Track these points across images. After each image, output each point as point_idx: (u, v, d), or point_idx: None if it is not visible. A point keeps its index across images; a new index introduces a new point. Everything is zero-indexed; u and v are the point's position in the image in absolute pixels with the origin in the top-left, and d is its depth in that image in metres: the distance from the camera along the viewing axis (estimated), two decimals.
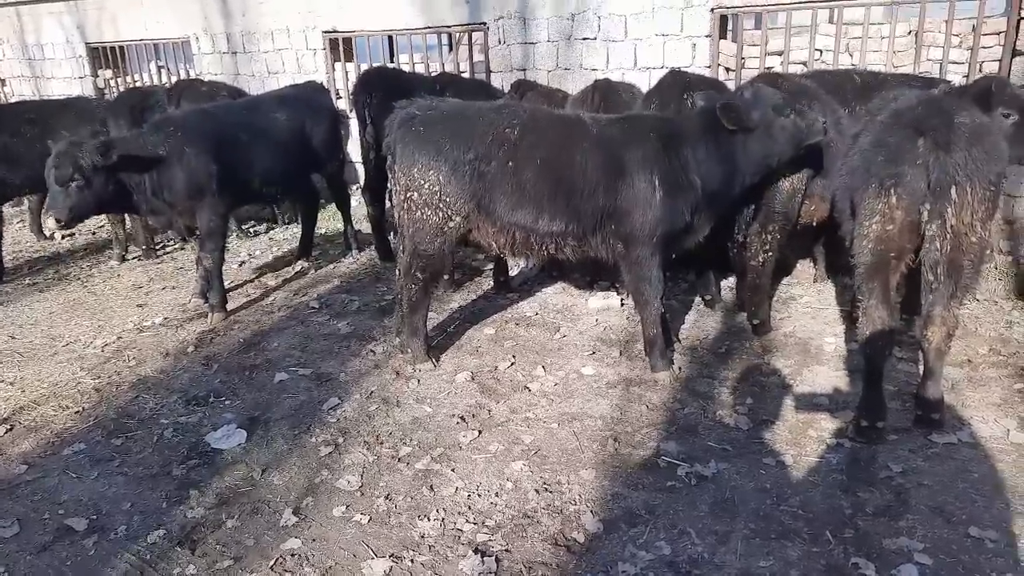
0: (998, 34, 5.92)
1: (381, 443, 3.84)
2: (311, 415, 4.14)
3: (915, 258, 3.40)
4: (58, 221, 4.84)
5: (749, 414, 3.95)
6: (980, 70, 6.03)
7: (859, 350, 3.63)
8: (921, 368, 3.71)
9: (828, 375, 4.33)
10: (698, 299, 5.55)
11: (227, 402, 4.34)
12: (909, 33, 6.44)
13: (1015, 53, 5.76)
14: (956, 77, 6.09)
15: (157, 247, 7.44)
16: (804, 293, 5.59)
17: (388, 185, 4.57)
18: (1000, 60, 5.90)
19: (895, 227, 3.32)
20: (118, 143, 4.96)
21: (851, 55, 6.65)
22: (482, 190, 4.22)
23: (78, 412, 4.27)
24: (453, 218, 4.29)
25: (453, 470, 3.59)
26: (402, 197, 4.35)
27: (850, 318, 4.72)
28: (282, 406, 4.26)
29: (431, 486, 3.46)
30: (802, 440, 3.69)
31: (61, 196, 4.81)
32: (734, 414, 3.96)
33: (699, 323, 5.20)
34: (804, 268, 5.95)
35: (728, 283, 5.70)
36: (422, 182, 4.24)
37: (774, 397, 4.12)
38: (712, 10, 6.84)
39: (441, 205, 4.26)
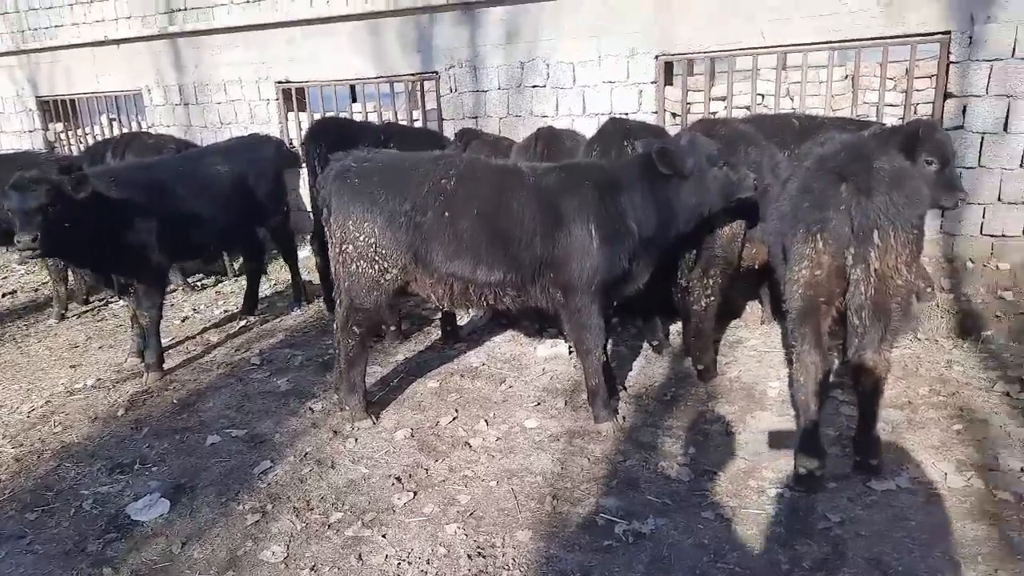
0: (930, 77, 6.08)
1: (312, 509, 3.68)
2: (241, 480, 3.97)
3: (844, 302, 3.38)
4: (29, 242, 4.45)
5: (691, 464, 3.87)
6: (915, 112, 6.17)
7: (792, 397, 3.58)
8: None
9: (771, 421, 4.27)
10: (646, 345, 5.50)
11: (154, 468, 4.15)
12: (846, 77, 6.59)
13: (947, 96, 5.90)
14: (892, 119, 6.22)
15: (99, 302, 7.26)
16: (751, 336, 5.57)
17: None
18: (933, 103, 6.05)
19: (823, 272, 3.31)
20: (91, 180, 4.76)
21: (792, 99, 6.78)
22: (419, 241, 4.16)
23: None
24: (390, 270, 4.22)
25: (384, 536, 3.44)
26: (337, 250, 4.29)
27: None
28: (211, 471, 4.09)
29: (359, 555, 3.31)
30: (742, 491, 3.61)
31: (37, 219, 4.49)
32: (676, 465, 3.87)
33: (646, 369, 5.14)
34: (752, 311, 5.95)
35: (677, 328, 5.66)
36: (357, 234, 4.17)
37: (717, 446, 4.05)
38: (656, 57, 6.95)
39: (377, 257, 4.19)
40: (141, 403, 4.99)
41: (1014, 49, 5.54)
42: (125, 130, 10.03)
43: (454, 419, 4.54)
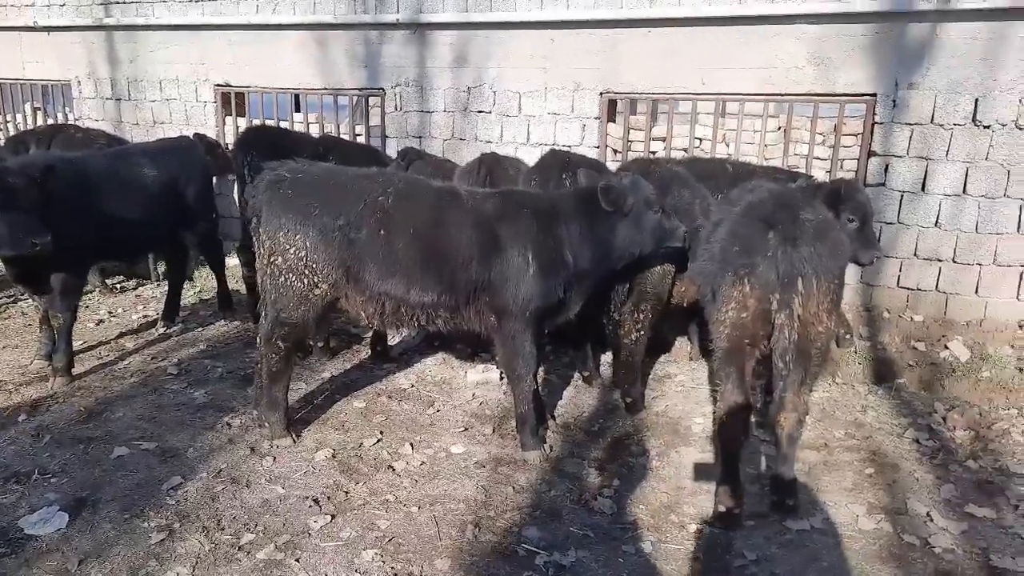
0: (857, 135, 6.40)
1: (222, 529, 3.52)
2: (148, 496, 3.77)
3: (768, 345, 3.48)
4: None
5: (614, 497, 3.89)
6: (841, 167, 6.47)
7: (714, 434, 3.65)
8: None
9: (695, 456, 4.34)
10: (577, 375, 5.53)
11: (53, 480, 3.90)
12: (779, 129, 6.87)
13: (871, 154, 6.21)
14: (820, 172, 6.50)
15: (6, 299, 6.85)
16: (679, 371, 5.67)
17: None
18: (858, 159, 6.36)
19: (748, 314, 3.40)
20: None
21: (727, 145, 7.01)
22: (351, 257, 4.09)
23: None
24: (319, 285, 4.12)
25: (297, 560, 3.31)
26: (266, 261, 4.17)
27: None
28: (116, 485, 3.87)
29: None
30: (663, 525, 3.64)
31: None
32: (599, 497, 3.88)
33: (576, 400, 5.16)
34: (681, 346, 6.07)
35: (609, 359, 5.71)
36: (287, 247, 4.07)
37: (640, 479, 4.08)
38: (601, 94, 7.09)
39: (307, 271, 4.09)
40: (45, 409, 4.70)
41: (933, 115, 5.89)
42: (51, 121, 9.58)
43: (378, 441, 4.44)
